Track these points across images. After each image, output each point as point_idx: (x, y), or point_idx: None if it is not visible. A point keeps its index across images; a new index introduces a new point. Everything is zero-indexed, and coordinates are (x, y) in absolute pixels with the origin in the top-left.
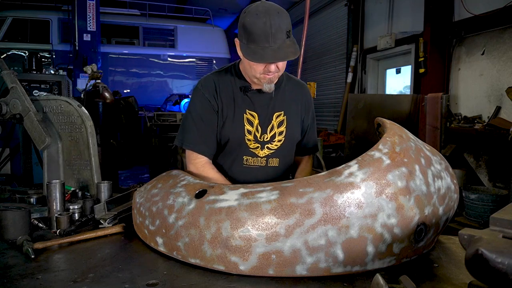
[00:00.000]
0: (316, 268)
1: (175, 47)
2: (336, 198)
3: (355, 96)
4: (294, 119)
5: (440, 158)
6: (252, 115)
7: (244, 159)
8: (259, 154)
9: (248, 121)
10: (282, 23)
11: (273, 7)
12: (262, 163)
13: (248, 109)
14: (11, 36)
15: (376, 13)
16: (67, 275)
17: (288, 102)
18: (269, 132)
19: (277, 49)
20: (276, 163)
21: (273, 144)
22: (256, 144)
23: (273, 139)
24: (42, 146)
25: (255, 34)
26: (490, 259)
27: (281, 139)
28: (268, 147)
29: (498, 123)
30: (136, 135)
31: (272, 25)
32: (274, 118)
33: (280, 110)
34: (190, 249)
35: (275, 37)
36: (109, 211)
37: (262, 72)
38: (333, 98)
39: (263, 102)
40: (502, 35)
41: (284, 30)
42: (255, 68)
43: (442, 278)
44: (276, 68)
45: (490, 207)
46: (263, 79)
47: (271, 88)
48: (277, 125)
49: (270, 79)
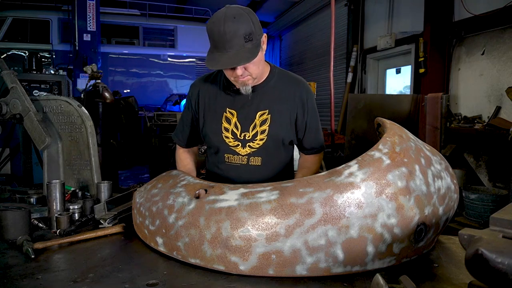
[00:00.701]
0: (316, 268)
1: (175, 47)
2: (336, 198)
3: (355, 96)
4: (281, 118)
5: (440, 158)
6: (231, 113)
7: (226, 156)
8: (240, 152)
9: (226, 119)
10: (238, 29)
11: (231, 12)
12: (243, 161)
13: (228, 107)
14: (11, 36)
15: (376, 13)
16: (67, 275)
17: (275, 101)
18: (251, 131)
19: (233, 55)
20: (258, 162)
21: (255, 143)
22: (236, 142)
23: (255, 137)
24: (42, 146)
25: (214, 41)
26: (490, 259)
27: (263, 137)
28: (250, 145)
29: (498, 123)
30: (136, 135)
31: (227, 32)
32: (257, 116)
33: (265, 108)
34: (190, 249)
35: (230, 43)
36: (109, 211)
37: (233, 76)
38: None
39: (244, 101)
40: (502, 35)
41: (241, 35)
42: (226, 72)
43: (442, 278)
44: (244, 71)
45: (490, 207)
46: (238, 83)
47: (247, 91)
48: (260, 124)
49: (243, 82)
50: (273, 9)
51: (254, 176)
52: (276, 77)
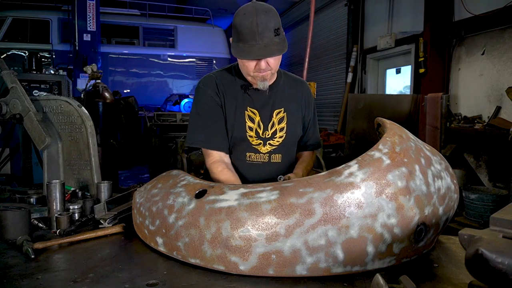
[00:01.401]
0: (316, 268)
1: (175, 47)
2: (336, 198)
3: (355, 96)
4: (294, 116)
5: (440, 158)
6: (253, 112)
7: (247, 155)
8: (261, 150)
9: (250, 118)
10: (269, 22)
11: (261, 7)
12: (265, 159)
13: (249, 106)
14: (11, 36)
15: (376, 13)
16: (67, 275)
17: (287, 99)
18: (270, 129)
19: (263, 46)
20: (278, 159)
21: (275, 141)
22: (259, 140)
23: (274, 135)
24: (42, 146)
25: (243, 33)
26: (490, 259)
27: (282, 135)
28: (270, 143)
29: (498, 123)
30: (136, 135)
31: (259, 24)
32: (275, 115)
33: (280, 107)
34: (190, 249)
35: (262, 36)
36: (109, 211)
37: (254, 70)
38: (333, 98)
39: (263, 100)
40: (502, 35)
41: (272, 29)
42: (247, 66)
43: (442, 278)
44: (267, 65)
45: (490, 207)
46: (256, 78)
47: (265, 86)
48: (278, 122)
49: (263, 77)
50: None
51: (275, 173)
52: (283, 78)
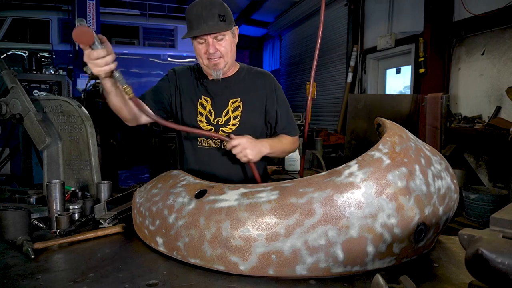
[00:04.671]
0: (316, 268)
1: (175, 47)
2: (336, 198)
3: (355, 96)
4: (253, 106)
5: (440, 158)
6: (206, 100)
7: (199, 140)
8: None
9: (201, 105)
10: (213, 8)
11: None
12: (216, 145)
13: (204, 95)
14: (11, 36)
15: (376, 13)
16: (67, 275)
17: (246, 90)
18: (224, 116)
19: (207, 27)
20: None
21: (228, 128)
22: (209, 126)
23: (228, 122)
24: (42, 146)
25: (191, 20)
26: (490, 259)
27: (236, 123)
28: (223, 130)
29: (498, 123)
30: (136, 135)
31: (203, 9)
32: (230, 103)
33: (237, 96)
34: (190, 249)
35: (206, 19)
36: (109, 211)
37: (207, 57)
38: (333, 98)
39: (218, 89)
40: (502, 35)
41: (216, 14)
42: (198, 53)
43: (442, 278)
44: (215, 49)
45: (490, 207)
46: (210, 66)
47: (218, 75)
48: (232, 110)
49: (215, 65)
50: (273, 9)
51: (227, 159)
52: (245, 71)
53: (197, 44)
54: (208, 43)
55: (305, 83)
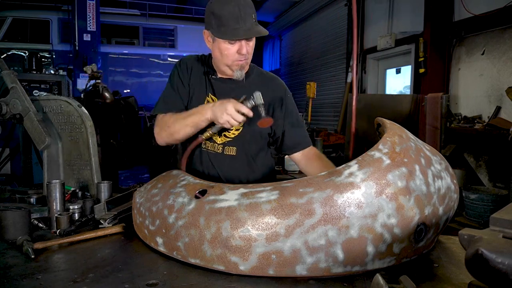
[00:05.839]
0: (316, 268)
1: (175, 47)
2: (336, 198)
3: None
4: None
5: (440, 158)
6: (212, 99)
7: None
8: (216, 140)
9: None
10: (248, 9)
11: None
12: (218, 150)
13: (210, 93)
14: (11, 36)
15: (376, 13)
16: (67, 275)
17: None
18: None
19: (247, 29)
20: (233, 152)
21: (230, 133)
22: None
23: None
24: (42, 146)
25: (225, 17)
26: (490, 259)
27: (239, 128)
28: (225, 134)
29: (498, 123)
30: (136, 135)
31: (241, 9)
32: None
33: None
34: (190, 249)
35: (244, 19)
36: (109, 211)
37: (235, 59)
38: (333, 98)
39: (225, 90)
40: (502, 35)
41: (251, 14)
42: (228, 53)
43: (442, 278)
44: (247, 51)
45: (490, 207)
46: (233, 66)
47: (242, 75)
48: None
49: (242, 65)
50: (273, 9)
51: (229, 166)
52: (254, 73)
53: (226, 43)
54: (241, 44)
55: (305, 83)
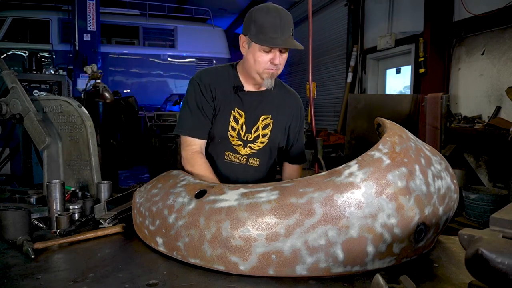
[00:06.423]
0: (316, 268)
1: (175, 47)
2: (336, 198)
3: (355, 96)
4: (280, 125)
5: (440, 158)
6: (239, 114)
7: (226, 154)
8: (240, 151)
9: (235, 118)
10: (288, 21)
11: (281, 7)
12: (242, 161)
13: (237, 107)
14: (11, 36)
15: (376, 13)
16: (67, 275)
17: (276, 108)
18: (253, 133)
19: (285, 39)
20: (256, 163)
21: (256, 145)
22: (239, 141)
23: (256, 140)
24: (42, 146)
25: (265, 26)
26: (490, 259)
27: (264, 141)
28: (251, 146)
29: (498, 123)
30: (136, 135)
31: (281, 20)
32: (261, 120)
33: (268, 113)
34: (190, 249)
35: (283, 30)
36: (109, 211)
37: (267, 67)
38: (333, 98)
39: (252, 104)
40: (502, 35)
41: (290, 27)
42: (260, 61)
43: (442, 278)
44: (279, 62)
45: (490, 207)
46: (264, 74)
47: (271, 83)
48: (262, 127)
49: (272, 74)
50: None
51: (251, 176)
52: (277, 86)
53: (261, 51)
54: (276, 54)
55: (305, 83)
